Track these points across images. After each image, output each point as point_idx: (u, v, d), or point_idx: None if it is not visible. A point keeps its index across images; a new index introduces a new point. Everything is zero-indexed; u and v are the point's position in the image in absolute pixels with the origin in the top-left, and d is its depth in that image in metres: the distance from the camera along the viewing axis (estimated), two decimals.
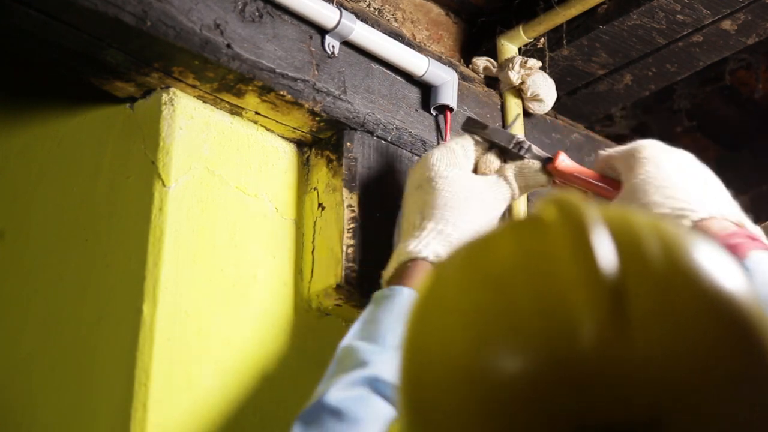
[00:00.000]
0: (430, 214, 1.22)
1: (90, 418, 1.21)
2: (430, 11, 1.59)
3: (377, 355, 1.07)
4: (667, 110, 1.98)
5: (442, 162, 1.27)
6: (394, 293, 1.15)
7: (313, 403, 1.02)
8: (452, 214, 1.22)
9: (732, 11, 1.46)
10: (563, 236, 0.72)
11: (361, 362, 1.06)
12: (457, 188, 1.25)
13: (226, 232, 1.29)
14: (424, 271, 1.17)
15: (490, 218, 1.27)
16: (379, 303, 1.15)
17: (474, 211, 1.24)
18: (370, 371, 1.04)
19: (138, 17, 1.16)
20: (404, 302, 1.13)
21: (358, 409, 1.00)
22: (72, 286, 1.31)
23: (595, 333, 0.68)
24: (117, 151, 1.32)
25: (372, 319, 1.13)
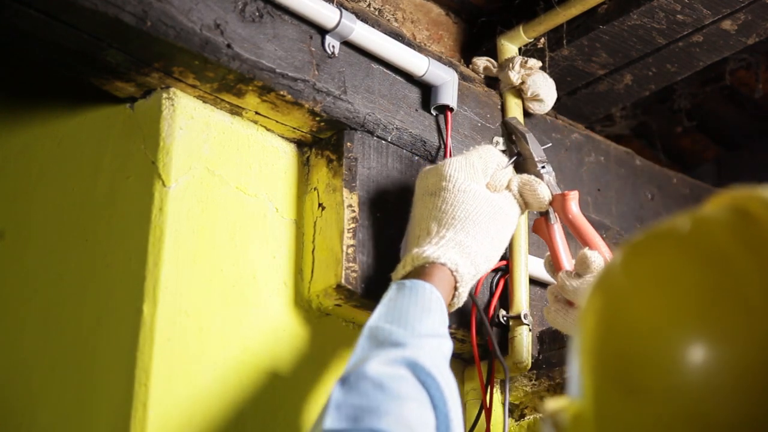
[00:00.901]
0: (450, 224, 1.25)
1: (90, 418, 1.21)
2: (430, 11, 1.59)
3: (412, 339, 1.10)
4: (667, 110, 1.98)
5: (461, 174, 1.28)
6: (417, 286, 1.17)
7: (354, 371, 1.04)
8: (473, 227, 1.25)
9: (732, 11, 1.46)
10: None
11: (397, 343, 1.09)
12: (479, 203, 1.27)
13: (226, 232, 1.28)
14: (442, 275, 1.20)
15: (508, 234, 1.31)
16: (402, 292, 1.17)
17: (494, 226, 1.28)
18: (410, 354, 1.07)
19: (138, 17, 1.16)
20: (428, 296, 1.16)
21: (400, 386, 1.03)
22: (72, 286, 1.31)
23: None
24: (117, 151, 1.32)
25: (397, 307, 1.15)
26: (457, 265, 1.21)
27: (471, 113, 1.49)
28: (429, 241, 1.24)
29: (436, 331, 1.14)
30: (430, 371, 1.06)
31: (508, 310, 1.43)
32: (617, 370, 0.76)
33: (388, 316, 1.14)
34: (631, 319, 0.77)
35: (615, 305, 0.78)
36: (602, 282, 0.81)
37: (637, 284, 0.78)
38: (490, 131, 1.51)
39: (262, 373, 1.26)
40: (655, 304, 0.76)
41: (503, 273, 1.44)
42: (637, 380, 0.75)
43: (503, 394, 1.48)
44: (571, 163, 1.61)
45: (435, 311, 1.15)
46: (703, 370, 0.72)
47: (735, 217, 0.77)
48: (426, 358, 1.07)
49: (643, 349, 0.75)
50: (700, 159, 2.13)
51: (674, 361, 0.73)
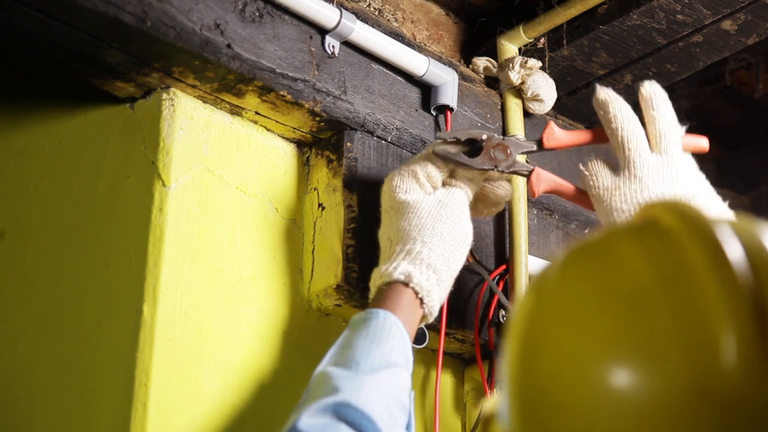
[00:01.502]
0: (398, 238, 1.23)
1: (90, 418, 1.21)
2: (430, 11, 1.59)
3: (348, 381, 1.07)
4: None
5: (401, 187, 1.26)
6: (370, 316, 1.15)
7: (288, 428, 1.03)
8: (419, 232, 1.22)
9: (732, 11, 1.46)
10: (695, 247, 0.71)
11: (332, 389, 1.06)
12: (419, 207, 1.24)
13: (226, 232, 1.29)
14: (398, 293, 1.18)
15: (459, 223, 1.25)
16: (356, 327, 1.15)
17: (441, 221, 1.24)
18: (340, 397, 1.04)
19: (138, 17, 1.16)
20: (379, 324, 1.14)
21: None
22: (72, 286, 1.31)
23: (737, 352, 0.66)
24: (117, 151, 1.32)
25: (347, 344, 1.13)
26: (410, 275, 1.18)
27: (471, 113, 1.49)
28: (385, 257, 1.22)
29: (388, 362, 1.11)
30: (364, 411, 1.03)
31: (508, 310, 1.43)
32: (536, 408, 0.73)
33: (335, 356, 1.12)
34: (548, 354, 0.74)
35: (532, 344, 0.75)
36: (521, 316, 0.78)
37: (553, 324, 0.75)
38: (490, 131, 1.51)
39: (262, 373, 1.26)
40: (569, 336, 0.73)
41: (503, 273, 1.44)
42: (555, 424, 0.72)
43: None
44: (571, 163, 1.61)
45: (387, 339, 1.13)
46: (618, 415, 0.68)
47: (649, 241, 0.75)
48: (362, 396, 1.05)
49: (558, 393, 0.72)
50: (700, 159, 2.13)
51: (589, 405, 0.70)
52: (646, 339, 0.69)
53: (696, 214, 0.73)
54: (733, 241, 0.71)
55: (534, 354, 0.75)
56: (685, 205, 0.74)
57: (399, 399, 1.09)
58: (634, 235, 0.77)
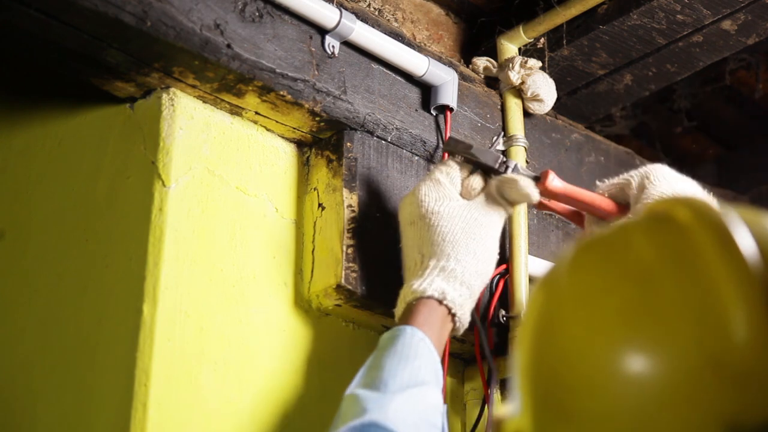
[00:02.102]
0: (431, 251, 1.22)
1: (90, 418, 1.21)
2: (430, 11, 1.59)
3: (376, 401, 1.06)
4: (667, 110, 1.98)
5: (430, 196, 1.26)
6: (398, 333, 1.15)
7: None
8: (452, 248, 1.22)
9: (732, 11, 1.46)
10: (705, 235, 0.73)
11: (360, 410, 1.06)
12: (452, 221, 1.24)
13: (226, 232, 1.29)
14: (430, 309, 1.18)
15: (488, 242, 1.26)
16: (384, 347, 1.15)
17: (474, 239, 1.24)
18: (368, 418, 1.04)
19: (138, 17, 1.16)
20: (407, 342, 1.14)
21: None
22: (72, 286, 1.31)
23: (748, 327, 0.68)
24: (117, 151, 1.32)
25: (375, 365, 1.13)
26: (444, 293, 1.19)
27: (471, 113, 1.49)
28: (416, 272, 1.22)
29: (415, 381, 1.10)
30: (392, 429, 1.03)
31: (508, 310, 1.43)
32: (550, 395, 0.75)
33: (364, 378, 1.12)
34: (560, 344, 0.75)
35: (546, 328, 0.77)
36: (535, 302, 0.79)
37: (566, 307, 0.76)
38: (490, 131, 1.51)
39: (261, 373, 1.26)
40: (582, 328, 0.74)
41: (503, 274, 1.44)
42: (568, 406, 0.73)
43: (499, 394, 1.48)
44: (571, 163, 1.61)
45: (414, 358, 1.12)
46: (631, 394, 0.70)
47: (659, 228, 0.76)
48: (389, 415, 1.04)
49: (572, 375, 0.73)
50: (700, 159, 2.13)
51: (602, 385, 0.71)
52: (656, 317, 0.71)
53: (702, 202, 0.76)
54: (739, 222, 0.73)
55: (547, 339, 0.77)
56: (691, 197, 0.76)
57: (428, 417, 1.09)
58: (642, 224, 0.79)
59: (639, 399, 0.70)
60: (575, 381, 0.73)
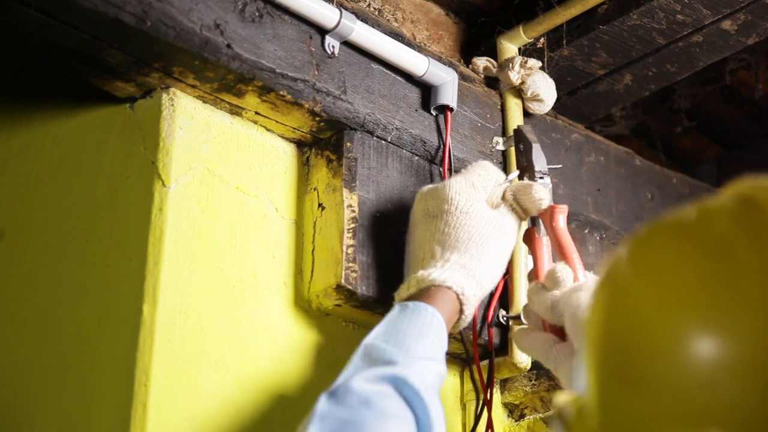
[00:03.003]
0: (454, 247, 1.25)
1: (90, 418, 1.21)
2: (430, 11, 1.59)
3: (404, 358, 1.11)
4: (667, 110, 1.98)
5: (462, 196, 1.28)
6: (419, 308, 1.18)
7: (342, 385, 1.06)
8: (477, 249, 1.25)
9: (732, 11, 1.46)
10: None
11: (389, 361, 1.10)
12: (481, 224, 1.27)
13: (226, 232, 1.29)
14: (446, 298, 1.21)
15: (509, 250, 1.30)
16: (403, 314, 1.18)
17: (496, 246, 1.27)
18: (399, 372, 1.08)
19: (138, 17, 1.16)
20: (428, 319, 1.17)
21: (386, 404, 1.04)
22: (72, 286, 1.31)
23: None
24: (117, 151, 1.32)
25: (396, 327, 1.16)
26: (463, 288, 1.21)
27: (471, 113, 1.49)
28: (434, 264, 1.24)
29: (432, 355, 1.14)
30: (418, 391, 1.07)
31: (508, 310, 1.43)
32: (620, 363, 0.76)
33: (385, 335, 1.15)
34: (635, 312, 0.77)
35: (620, 297, 0.79)
36: (608, 274, 0.81)
37: (641, 276, 0.78)
38: (490, 131, 1.51)
39: (261, 374, 1.26)
40: (658, 296, 0.76)
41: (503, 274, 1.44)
42: (640, 373, 0.75)
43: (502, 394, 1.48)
44: (571, 163, 1.61)
45: (433, 335, 1.16)
46: (706, 363, 0.72)
47: (739, 207, 0.78)
48: (416, 377, 1.08)
49: (645, 342, 0.75)
50: (700, 159, 2.13)
51: (677, 353, 0.73)
52: (736, 289, 0.72)
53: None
54: None
55: (621, 311, 0.78)
56: None
57: (438, 390, 1.13)
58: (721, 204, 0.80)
59: (710, 368, 0.71)
60: (650, 350, 0.74)
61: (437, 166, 1.44)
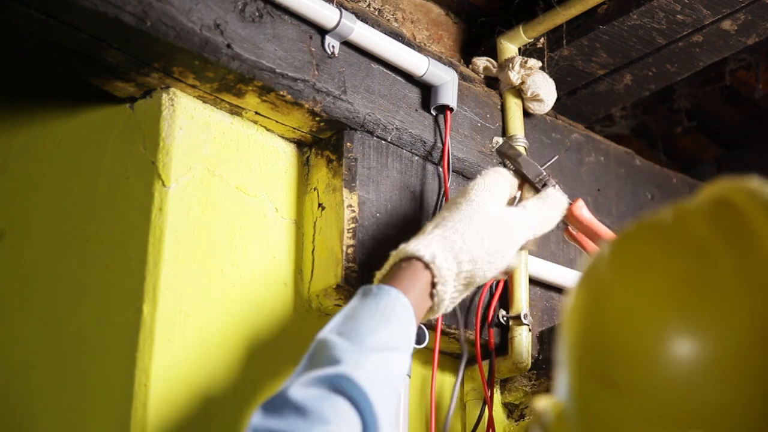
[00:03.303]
0: (442, 224, 1.20)
1: (90, 418, 1.22)
2: (430, 11, 1.59)
3: (351, 354, 1.05)
4: (667, 110, 1.98)
5: (477, 191, 1.25)
6: (382, 293, 1.12)
7: (278, 394, 1.00)
8: (464, 226, 1.19)
9: (732, 11, 1.46)
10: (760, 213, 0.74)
11: (335, 359, 1.04)
12: (480, 210, 1.22)
13: (226, 232, 1.29)
14: (415, 273, 1.15)
15: (509, 246, 1.23)
16: (364, 300, 1.12)
17: (491, 232, 1.21)
18: (342, 369, 1.02)
19: (138, 17, 1.16)
20: (389, 303, 1.11)
21: (324, 408, 0.98)
22: (72, 286, 1.31)
23: None
24: (117, 151, 1.32)
25: (353, 316, 1.10)
26: (434, 257, 1.15)
27: (471, 113, 1.49)
28: (418, 236, 1.19)
29: (389, 345, 1.08)
30: (362, 388, 1.01)
31: (508, 310, 1.43)
32: (599, 364, 0.76)
33: (340, 326, 1.09)
34: (612, 312, 0.77)
35: (599, 297, 0.78)
36: (588, 275, 0.81)
37: (620, 277, 0.78)
38: (490, 131, 1.51)
39: (261, 374, 1.26)
40: (635, 297, 0.76)
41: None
42: (618, 375, 0.74)
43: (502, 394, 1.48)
44: (571, 163, 1.62)
45: (393, 322, 1.10)
46: (685, 365, 0.71)
47: (716, 208, 0.78)
48: (363, 373, 1.03)
49: (624, 343, 0.75)
50: (700, 159, 2.13)
51: (655, 355, 0.72)
52: (712, 290, 0.72)
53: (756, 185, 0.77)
54: None
55: (597, 311, 0.78)
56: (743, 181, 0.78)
57: (393, 383, 1.07)
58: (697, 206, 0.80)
59: (689, 370, 0.71)
60: (629, 351, 0.74)
61: (437, 166, 1.44)
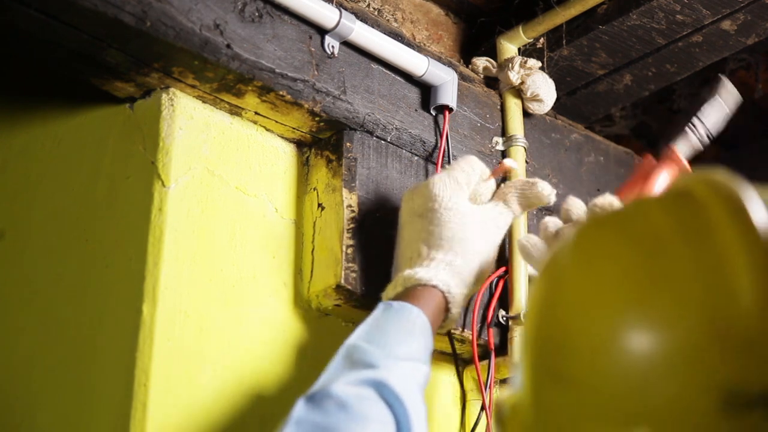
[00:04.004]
0: (438, 245, 1.24)
1: (90, 418, 1.22)
2: (430, 11, 1.59)
3: (386, 360, 1.10)
4: (667, 110, 1.98)
5: (446, 192, 1.27)
6: (404, 309, 1.17)
7: (321, 389, 1.04)
8: (460, 246, 1.24)
9: (732, 11, 1.46)
10: (719, 207, 0.73)
11: (370, 364, 1.08)
12: (464, 220, 1.26)
13: (226, 232, 1.29)
14: (431, 297, 1.20)
15: (493, 246, 1.30)
16: (388, 313, 1.17)
17: (479, 241, 1.27)
18: (380, 375, 1.06)
19: (138, 17, 1.16)
20: (412, 319, 1.16)
21: (364, 407, 1.02)
22: (72, 286, 1.31)
23: (757, 297, 0.68)
24: (117, 151, 1.32)
25: (380, 327, 1.15)
26: (449, 287, 1.21)
27: (470, 113, 1.49)
28: (420, 263, 1.23)
29: (415, 356, 1.14)
30: (398, 394, 1.05)
31: (508, 310, 1.43)
32: (550, 356, 0.75)
33: (368, 335, 1.14)
34: (566, 304, 0.76)
35: (555, 288, 0.77)
36: (549, 263, 0.80)
37: (576, 268, 0.77)
38: (490, 131, 1.51)
39: (261, 374, 1.26)
40: (589, 289, 0.74)
41: (503, 275, 1.44)
42: (568, 368, 0.73)
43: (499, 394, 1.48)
44: (570, 163, 1.62)
45: (417, 336, 1.15)
46: (632, 359, 0.70)
47: (677, 200, 0.77)
48: (397, 380, 1.07)
49: (574, 335, 0.73)
50: (700, 159, 2.13)
51: (604, 348, 0.71)
52: (663, 284, 0.71)
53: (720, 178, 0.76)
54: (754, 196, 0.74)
55: (550, 305, 0.77)
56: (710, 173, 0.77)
57: (422, 393, 1.12)
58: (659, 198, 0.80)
59: (639, 365, 0.70)
60: (576, 344, 0.73)
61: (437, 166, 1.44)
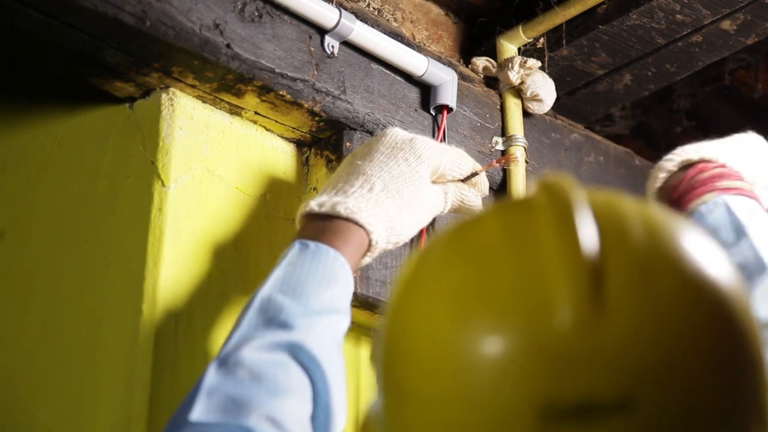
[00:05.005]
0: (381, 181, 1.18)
1: (90, 418, 1.22)
2: (430, 11, 1.60)
3: (301, 318, 1.04)
4: (667, 110, 1.98)
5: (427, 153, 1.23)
6: (320, 251, 1.11)
7: (233, 353, 1.00)
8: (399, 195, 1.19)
9: (732, 11, 1.46)
10: (548, 217, 0.72)
11: (285, 323, 1.03)
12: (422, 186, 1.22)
13: (226, 232, 1.29)
14: (357, 237, 1.13)
15: (418, 223, 1.23)
16: (303, 256, 1.10)
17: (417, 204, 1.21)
18: (295, 337, 1.02)
19: (138, 17, 1.17)
20: (329, 264, 1.10)
21: (279, 376, 0.98)
22: (72, 286, 1.31)
23: (572, 312, 0.68)
24: (117, 151, 1.32)
25: (296, 275, 1.09)
26: (373, 228, 1.14)
27: (470, 113, 1.49)
28: (361, 193, 1.16)
29: (335, 306, 1.08)
30: (315, 356, 1.01)
31: None
32: (394, 376, 0.75)
33: (283, 284, 1.08)
34: (402, 322, 0.75)
35: (396, 304, 0.77)
36: (397, 279, 0.79)
37: (413, 285, 0.76)
38: (490, 131, 1.51)
39: None
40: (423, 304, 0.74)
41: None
42: (405, 384, 0.73)
43: None
44: (570, 163, 1.62)
45: (335, 282, 1.09)
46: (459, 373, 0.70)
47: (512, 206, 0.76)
48: (314, 340, 1.02)
49: (408, 352, 0.73)
50: None
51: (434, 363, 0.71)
52: (487, 298, 0.70)
53: (565, 183, 0.74)
54: (586, 207, 0.72)
55: (393, 322, 0.77)
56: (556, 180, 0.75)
57: (340, 347, 1.07)
58: (504, 205, 0.78)
59: (466, 379, 0.69)
60: (410, 361, 0.73)
61: None
